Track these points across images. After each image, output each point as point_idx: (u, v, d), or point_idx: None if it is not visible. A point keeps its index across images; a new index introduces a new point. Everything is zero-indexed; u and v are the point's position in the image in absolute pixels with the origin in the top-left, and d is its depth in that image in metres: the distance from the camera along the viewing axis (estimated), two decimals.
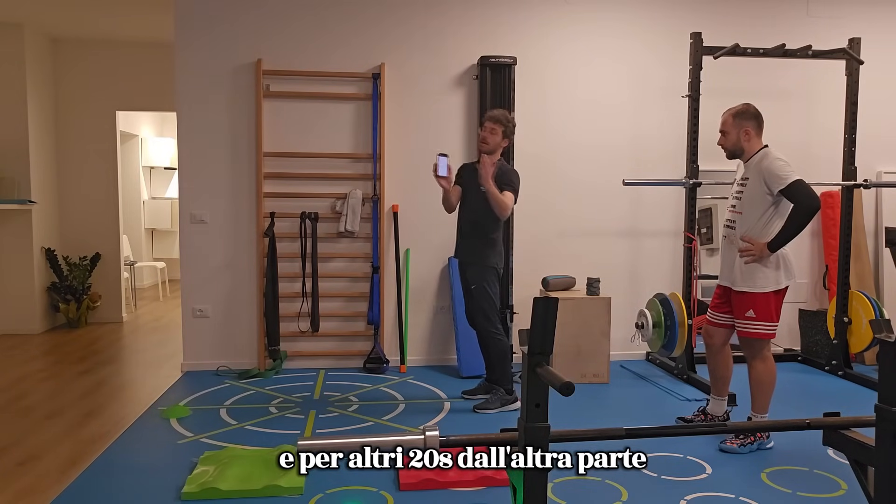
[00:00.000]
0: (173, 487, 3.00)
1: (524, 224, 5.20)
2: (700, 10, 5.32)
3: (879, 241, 5.55)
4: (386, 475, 3.11)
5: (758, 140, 3.54)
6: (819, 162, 5.29)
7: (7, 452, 3.48)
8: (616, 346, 5.12)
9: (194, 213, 5.03)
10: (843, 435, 2.22)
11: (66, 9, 5.85)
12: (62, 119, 6.82)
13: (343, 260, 5.15)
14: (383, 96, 5.03)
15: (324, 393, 4.50)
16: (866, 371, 5.02)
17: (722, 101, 3.86)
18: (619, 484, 3.06)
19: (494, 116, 4.11)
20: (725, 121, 3.57)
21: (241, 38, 4.97)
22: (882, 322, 2.17)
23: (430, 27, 5.12)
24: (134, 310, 7.86)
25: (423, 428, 1.90)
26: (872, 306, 4.73)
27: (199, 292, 5.05)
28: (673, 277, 5.32)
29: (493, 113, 4.14)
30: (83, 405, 4.26)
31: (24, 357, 5.55)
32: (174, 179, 9.47)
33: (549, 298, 1.76)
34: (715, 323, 3.69)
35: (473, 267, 4.14)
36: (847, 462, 2.39)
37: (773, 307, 3.46)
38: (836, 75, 5.02)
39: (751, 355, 3.53)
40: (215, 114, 4.99)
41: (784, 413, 3.89)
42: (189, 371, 5.03)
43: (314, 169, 5.06)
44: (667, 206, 5.35)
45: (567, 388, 1.63)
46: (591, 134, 5.31)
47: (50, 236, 6.72)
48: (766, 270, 3.43)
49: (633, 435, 2.15)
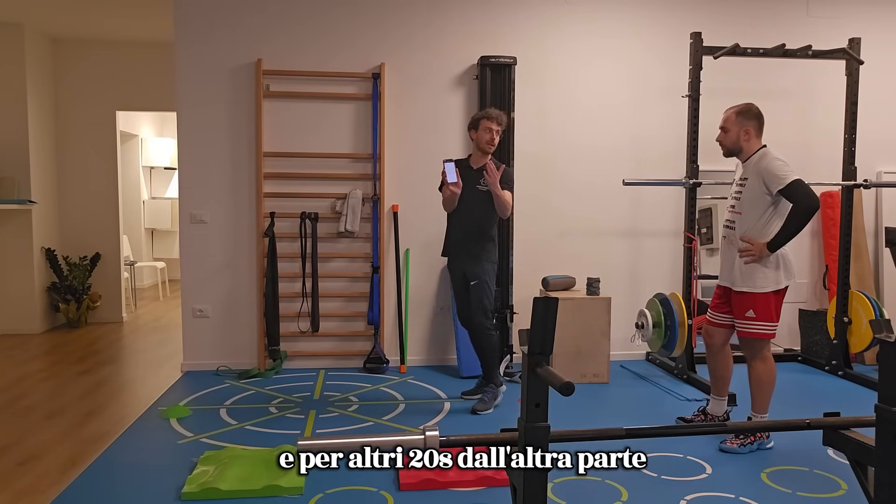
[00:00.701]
0: (173, 487, 3.00)
1: (524, 224, 5.20)
2: (700, 10, 5.32)
3: (879, 241, 5.55)
4: (386, 475, 3.11)
5: (757, 140, 3.54)
6: (819, 162, 5.29)
7: (7, 452, 3.48)
8: (616, 346, 5.12)
9: (194, 213, 5.03)
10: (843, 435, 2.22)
11: (66, 9, 5.85)
12: (62, 119, 6.82)
13: (343, 260, 5.15)
14: (383, 96, 5.03)
15: (324, 393, 4.50)
16: (866, 371, 5.02)
17: (722, 101, 3.86)
18: (619, 484, 3.06)
19: (500, 118, 4.12)
20: (728, 117, 3.57)
21: (241, 38, 4.97)
22: (882, 322, 2.17)
23: (430, 27, 5.12)
24: (134, 310, 7.86)
25: (423, 428, 1.90)
26: (872, 306, 4.73)
27: (199, 292, 5.05)
28: (673, 277, 5.32)
29: (498, 113, 4.13)
30: (83, 405, 4.26)
31: (24, 357, 5.55)
32: (174, 179, 9.47)
33: (549, 298, 1.76)
34: (715, 323, 3.69)
35: (475, 261, 4.13)
36: (847, 462, 2.39)
37: (773, 307, 3.46)
38: (836, 75, 5.02)
39: (751, 355, 3.53)
40: (215, 114, 4.99)
41: (784, 413, 3.88)
42: (189, 371, 5.03)
43: (314, 169, 5.06)
44: (667, 206, 5.35)
45: (567, 388, 1.63)
46: (591, 134, 5.31)
47: (50, 236, 6.72)
48: (766, 270, 3.43)
49: (633, 435, 2.15)
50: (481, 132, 4.10)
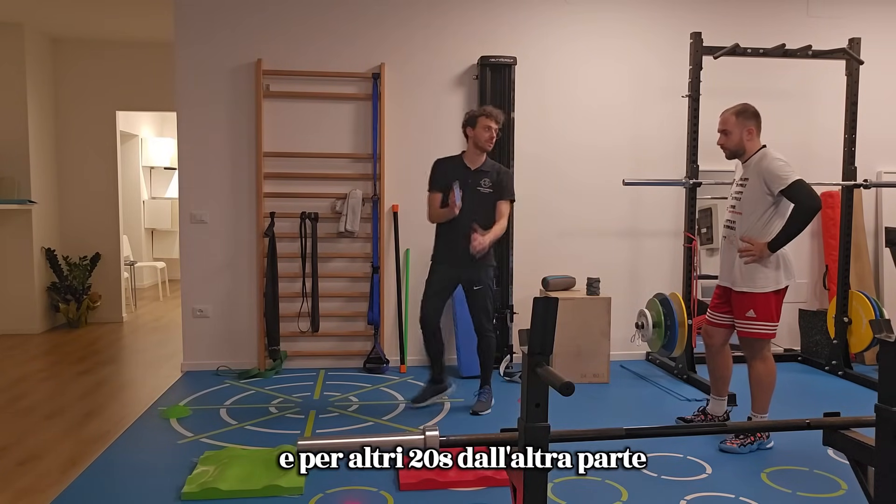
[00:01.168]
0: (173, 487, 3.00)
1: (524, 224, 5.20)
2: (700, 10, 5.32)
3: (879, 241, 5.55)
4: (386, 475, 3.11)
5: (758, 140, 3.54)
6: (819, 162, 5.29)
7: (7, 452, 3.48)
8: (616, 346, 5.12)
9: (194, 213, 5.03)
10: (843, 435, 2.22)
11: (66, 9, 5.85)
12: (62, 119, 6.82)
13: (343, 260, 5.15)
14: (383, 96, 5.03)
15: (324, 393, 4.50)
16: (866, 371, 5.02)
17: (722, 101, 3.85)
18: (619, 484, 3.06)
19: (499, 116, 4.07)
20: (727, 120, 3.54)
21: (241, 38, 4.97)
22: (882, 322, 2.17)
23: (430, 27, 5.12)
24: (134, 310, 7.86)
25: (423, 428, 1.90)
26: (872, 306, 4.73)
27: (199, 292, 5.05)
28: (673, 277, 5.32)
29: (497, 111, 4.08)
30: (83, 405, 4.26)
31: (24, 357, 5.55)
32: (174, 179, 9.47)
33: (549, 298, 1.76)
34: (715, 323, 3.69)
35: (479, 266, 4.06)
36: (847, 462, 2.39)
37: (773, 307, 3.45)
38: (836, 75, 5.02)
39: (751, 355, 3.53)
40: (215, 114, 4.99)
41: (784, 413, 3.88)
42: (189, 371, 5.03)
43: (314, 169, 5.06)
44: (667, 206, 5.35)
45: (567, 388, 1.62)
46: (591, 134, 5.31)
47: (50, 236, 6.72)
48: (766, 270, 3.43)
49: (633, 435, 2.15)
50: (480, 130, 4.01)
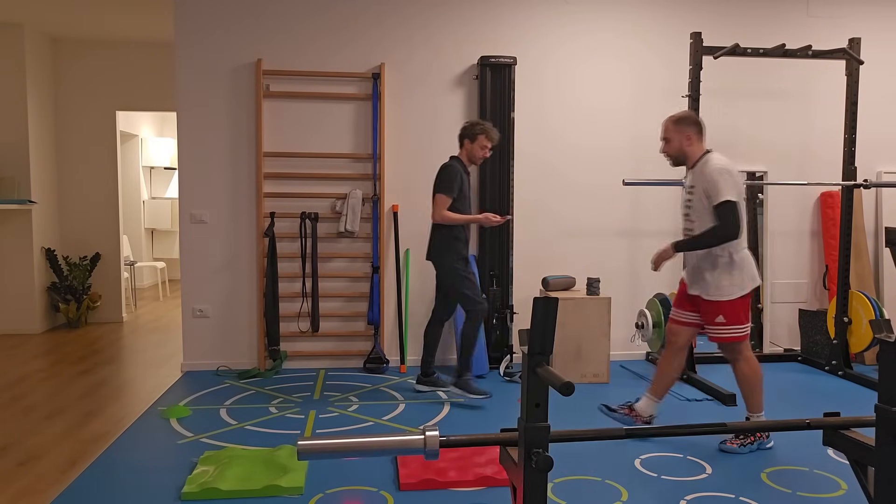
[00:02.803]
0: (173, 487, 3.00)
1: (524, 224, 5.21)
2: (700, 10, 5.32)
3: (879, 241, 5.55)
4: (386, 475, 3.11)
5: (700, 145, 3.52)
6: (819, 162, 5.29)
7: (7, 452, 3.48)
8: (616, 346, 5.12)
9: (194, 213, 5.03)
10: (843, 435, 2.22)
11: (66, 9, 5.85)
12: (62, 119, 6.82)
13: (343, 260, 5.15)
14: (383, 96, 5.03)
15: (324, 393, 4.50)
16: (866, 371, 5.02)
17: (722, 102, 3.85)
18: (619, 484, 3.06)
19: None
20: (666, 127, 3.55)
21: (241, 38, 4.97)
22: (882, 322, 2.17)
23: (430, 27, 5.12)
24: (134, 310, 7.86)
25: (423, 428, 1.90)
26: (872, 306, 4.73)
27: (199, 292, 5.05)
28: (673, 277, 5.31)
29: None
30: (83, 405, 4.26)
31: (24, 357, 5.55)
32: (174, 179, 9.48)
33: (549, 298, 1.76)
34: (680, 321, 3.66)
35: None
36: (847, 462, 2.39)
37: (740, 310, 3.46)
38: (836, 75, 5.02)
39: (732, 358, 3.54)
40: (215, 114, 4.99)
41: (784, 413, 3.89)
42: (189, 371, 5.03)
43: (314, 169, 5.06)
44: (667, 207, 5.35)
45: (567, 388, 1.63)
46: (591, 134, 5.31)
47: (50, 236, 6.72)
48: (732, 279, 3.43)
49: (632, 435, 2.15)
50: (477, 147, 4.28)
